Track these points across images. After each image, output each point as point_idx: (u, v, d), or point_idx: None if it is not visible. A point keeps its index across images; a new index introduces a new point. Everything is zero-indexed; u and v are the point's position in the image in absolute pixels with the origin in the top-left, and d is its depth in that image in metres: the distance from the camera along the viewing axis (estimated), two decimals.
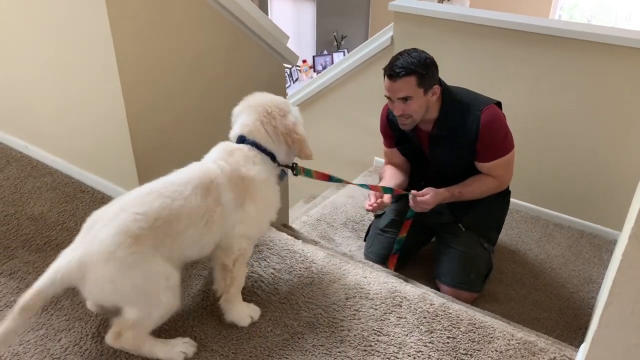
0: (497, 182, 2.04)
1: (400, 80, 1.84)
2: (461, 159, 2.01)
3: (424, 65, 1.85)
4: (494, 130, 1.94)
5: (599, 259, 2.44)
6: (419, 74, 1.83)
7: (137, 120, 1.69)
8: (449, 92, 1.97)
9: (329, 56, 6.46)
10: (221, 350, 1.33)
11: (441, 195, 1.98)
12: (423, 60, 1.85)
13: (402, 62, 1.85)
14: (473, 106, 1.95)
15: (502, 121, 1.98)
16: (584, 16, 6.37)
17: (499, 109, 2.01)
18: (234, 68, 2.05)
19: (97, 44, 1.59)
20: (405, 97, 1.86)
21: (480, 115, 1.92)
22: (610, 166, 2.50)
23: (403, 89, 1.85)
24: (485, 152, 1.97)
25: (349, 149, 3.41)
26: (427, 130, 2.03)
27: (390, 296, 1.53)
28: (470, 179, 2.04)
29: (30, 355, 1.29)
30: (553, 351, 1.37)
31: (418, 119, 1.93)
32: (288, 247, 1.70)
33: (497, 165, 2.00)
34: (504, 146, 1.99)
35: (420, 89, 1.86)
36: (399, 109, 1.90)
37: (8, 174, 1.97)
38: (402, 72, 1.83)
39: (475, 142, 1.94)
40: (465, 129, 1.94)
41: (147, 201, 1.23)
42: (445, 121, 1.96)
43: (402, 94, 1.86)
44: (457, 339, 1.41)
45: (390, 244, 2.20)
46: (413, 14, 2.72)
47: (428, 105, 1.92)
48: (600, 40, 2.32)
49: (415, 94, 1.86)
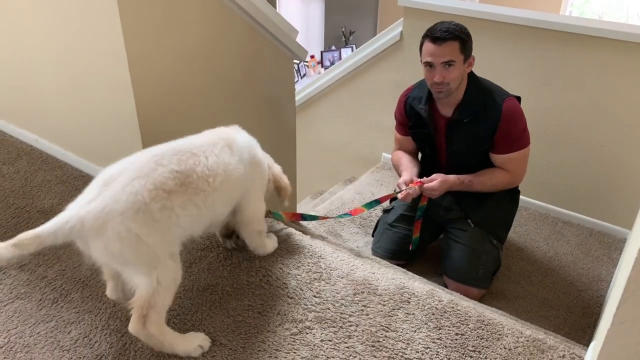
0: (510, 176, 2.02)
1: (446, 44, 1.86)
2: (478, 147, 2.00)
3: (466, 33, 1.89)
4: (514, 122, 1.94)
5: (608, 257, 2.42)
6: (462, 40, 1.87)
7: (147, 114, 1.70)
8: (475, 77, 1.99)
9: (337, 52, 6.44)
10: (230, 345, 1.34)
11: (450, 182, 1.98)
12: (464, 29, 1.89)
13: (446, 26, 1.87)
14: (496, 94, 1.96)
15: (522, 114, 1.98)
16: (595, 13, 6.30)
17: (519, 103, 2.01)
18: (243, 63, 2.05)
19: (107, 37, 1.60)
20: (449, 62, 1.87)
21: (502, 105, 1.93)
22: (620, 164, 2.48)
23: (447, 53, 1.86)
24: (503, 143, 1.96)
25: (357, 145, 3.40)
26: (447, 115, 2.02)
27: (399, 292, 1.53)
28: (482, 171, 2.03)
29: (40, 347, 1.30)
30: (562, 349, 1.36)
31: (454, 89, 1.93)
32: (296, 242, 1.70)
33: (512, 159, 1.98)
34: (521, 140, 1.98)
35: (462, 56, 1.88)
36: (441, 74, 1.89)
37: (18, 167, 1.98)
38: (448, 36, 1.85)
39: (494, 132, 1.94)
40: (486, 115, 1.94)
41: (184, 159, 1.24)
42: (468, 105, 1.96)
43: (446, 57, 1.87)
44: (466, 335, 1.40)
45: (399, 239, 2.19)
46: (423, 9, 2.71)
47: (463, 76, 1.93)
48: (611, 37, 2.30)
49: (458, 60, 1.88)
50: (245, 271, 1.57)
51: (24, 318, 1.38)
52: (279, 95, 2.30)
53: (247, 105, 2.12)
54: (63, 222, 1.12)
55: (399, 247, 2.19)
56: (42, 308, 1.41)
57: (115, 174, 1.20)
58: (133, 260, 1.17)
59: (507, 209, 2.20)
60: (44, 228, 1.11)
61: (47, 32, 1.80)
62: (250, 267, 1.58)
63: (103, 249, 1.14)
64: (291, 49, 2.22)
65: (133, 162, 1.23)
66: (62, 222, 1.12)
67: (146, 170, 1.19)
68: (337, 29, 6.54)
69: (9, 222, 1.72)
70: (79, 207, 1.14)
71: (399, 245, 2.19)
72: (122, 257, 1.16)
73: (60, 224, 1.11)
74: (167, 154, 1.25)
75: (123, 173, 1.19)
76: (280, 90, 2.30)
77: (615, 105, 2.40)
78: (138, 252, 1.16)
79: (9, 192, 1.86)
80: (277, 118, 2.32)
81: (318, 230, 2.40)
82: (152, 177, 1.18)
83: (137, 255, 1.17)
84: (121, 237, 1.12)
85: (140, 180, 1.16)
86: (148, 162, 1.21)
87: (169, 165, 1.21)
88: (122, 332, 1.35)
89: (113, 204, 1.13)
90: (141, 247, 1.16)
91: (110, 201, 1.13)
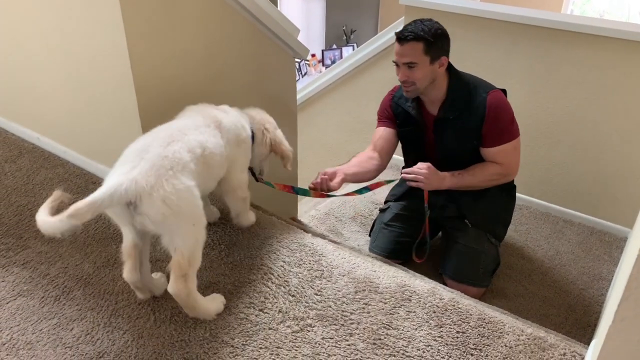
0: (502, 169, 2.00)
1: (408, 44, 1.85)
2: (467, 143, 1.99)
3: (433, 34, 1.85)
4: (500, 113, 1.93)
5: (609, 256, 2.42)
6: (427, 41, 1.84)
7: (149, 112, 1.70)
8: (456, 74, 1.97)
9: (338, 50, 6.44)
10: (231, 342, 1.34)
11: (440, 174, 1.95)
12: (434, 30, 1.86)
13: (413, 27, 1.87)
14: (480, 88, 1.95)
15: (508, 106, 1.97)
16: (596, 11, 6.30)
17: (505, 96, 2.00)
18: (246, 61, 2.05)
19: (109, 35, 1.60)
20: (410, 63, 1.87)
21: (486, 98, 1.92)
22: (621, 163, 2.48)
23: (408, 54, 1.87)
24: (491, 136, 1.95)
25: (357, 144, 3.40)
26: (434, 113, 2.02)
27: (400, 290, 1.53)
28: (473, 165, 2.02)
29: (43, 344, 1.31)
30: (563, 347, 1.37)
31: (421, 88, 1.93)
32: (297, 240, 1.70)
33: (502, 151, 1.97)
34: (509, 131, 1.97)
35: (427, 57, 1.86)
36: (404, 74, 1.91)
37: (20, 165, 1.99)
38: (410, 36, 1.85)
39: (481, 125, 1.93)
40: (471, 110, 1.93)
41: (202, 132, 1.40)
42: (452, 102, 1.95)
43: (407, 59, 1.87)
44: (467, 333, 1.41)
45: (395, 238, 2.19)
46: (424, 8, 2.71)
47: (434, 77, 1.92)
48: (613, 35, 2.30)
49: (421, 61, 1.86)
50: (246, 269, 1.57)
51: (26, 315, 1.38)
52: (281, 94, 2.30)
53: (250, 103, 2.12)
54: (116, 185, 1.16)
55: (395, 247, 2.19)
56: (45, 305, 1.42)
57: (145, 145, 1.28)
58: (183, 214, 1.24)
59: (503, 206, 2.18)
60: (97, 194, 1.14)
61: (49, 30, 1.80)
62: (251, 264, 1.59)
63: (160, 203, 1.18)
64: (293, 48, 2.22)
65: (158, 135, 1.33)
66: (115, 185, 1.16)
67: (176, 138, 1.31)
68: (338, 28, 6.54)
69: (10, 220, 1.72)
70: (125, 173, 1.19)
71: (395, 244, 2.19)
72: (176, 211, 1.21)
73: (114, 187, 1.15)
74: (184, 129, 1.37)
75: (154, 142, 1.28)
76: (283, 89, 2.30)
77: (617, 104, 2.40)
78: (189, 204, 1.25)
79: (11, 190, 1.86)
80: (280, 117, 2.32)
81: (319, 229, 2.41)
82: (184, 141, 1.31)
83: (188, 207, 1.25)
84: (177, 189, 1.21)
85: (175, 145, 1.28)
86: (173, 133, 1.33)
87: (192, 135, 1.35)
88: (125, 330, 1.36)
89: (160, 162, 1.22)
90: (191, 198, 1.26)
91: (156, 161, 1.22)
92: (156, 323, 1.38)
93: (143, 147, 1.27)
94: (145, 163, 1.21)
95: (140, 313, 1.41)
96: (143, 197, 1.18)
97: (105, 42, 1.64)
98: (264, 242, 1.68)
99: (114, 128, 1.81)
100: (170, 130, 1.36)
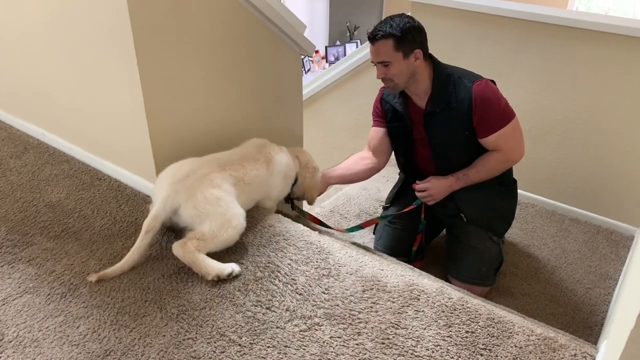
0: (504, 155, 1.97)
1: (378, 43, 1.87)
2: (458, 135, 1.95)
3: (401, 29, 1.84)
4: (488, 101, 1.89)
5: (616, 255, 2.41)
6: (396, 37, 1.83)
7: (155, 108, 1.69)
8: (438, 67, 1.95)
9: (342, 47, 6.42)
10: (239, 341, 1.33)
11: (444, 181, 1.95)
12: (402, 24, 1.85)
13: (382, 25, 1.87)
14: (464, 78, 1.92)
15: (494, 92, 1.93)
16: (602, 8, 6.26)
17: (492, 83, 1.96)
18: (252, 57, 2.03)
19: (116, 31, 1.58)
20: (382, 62, 1.88)
21: (471, 87, 1.89)
22: (628, 161, 2.46)
23: (379, 53, 1.88)
24: (484, 125, 1.92)
25: (362, 141, 3.38)
26: (422, 107, 2.00)
27: (408, 289, 1.52)
28: (475, 161, 2.00)
29: (49, 342, 1.30)
30: (574, 347, 1.35)
31: (401, 84, 1.92)
32: (304, 239, 1.69)
33: (501, 136, 1.93)
34: (502, 116, 1.92)
35: (399, 53, 1.85)
36: (380, 72, 1.91)
37: (26, 161, 1.98)
38: (379, 35, 1.85)
39: (471, 116, 1.90)
40: (458, 102, 1.90)
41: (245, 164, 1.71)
42: (437, 95, 1.93)
43: (379, 57, 1.88)
44: (476, 333, 1.39)
45: (399, 236, 2.19)
46: (431, 4, 2.69)
47: (413, 71, 1.90)
48: (619, 32, 2.28)
49: (394, 58, 1.86)
50: (254, 267, 1.56)
51: (32, 312, 1.38)
52: (287, 90, 2.28)
53: (256, 100, 2.11)
54: (165, 198, 1.49)
55: (399, 244, 2.19)
56: (51, 302, 1.41)
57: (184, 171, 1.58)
58: (208, 215, 1.51)
59: (501, 202, 2.12)
60: (155, 209, 1.49)
61: (55, 26, 1.79)
62: (258, 262, 1.58)
63: (192, 208, 1.51)
64: (299, 44, 2.20)
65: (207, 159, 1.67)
66: (164, 198, 1.49)
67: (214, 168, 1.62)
68: (342, 24, 6.51)
69: (16, 216, 1.71)
70: (170, 189, 1.52)
71: (399, 242, 2.19)
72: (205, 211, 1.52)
73: (163, 200, 1.49)
74: (228, 162, 1.68)
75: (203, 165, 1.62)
76: (289, 85, 2.28)
77: (623, 101, 2.39)
78: (215, 206, 1.53)
79: (16, 185, 1.85)
80: (285, 113, 2.31)
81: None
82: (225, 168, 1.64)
83: (215, 207, 1.53)
84: (206, 198, 1.52)
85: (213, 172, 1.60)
86: (211, 162, 1.64)
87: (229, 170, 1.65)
88: (131, 327, 1.35)
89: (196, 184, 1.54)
90: (216, 208, 1.53)
91: (194, 179, 1.55)
92: (163, 321, 1.37)
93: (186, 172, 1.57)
94: (187, 182, 1.54)
95: (146, 311, 1.40)
96: (181, 205, 1.51)
97: (111, 39, 1.63)
98: (270, 239, 1.67)
99: (119, 124, 1.80)
100: (218, 157, 1.69)
